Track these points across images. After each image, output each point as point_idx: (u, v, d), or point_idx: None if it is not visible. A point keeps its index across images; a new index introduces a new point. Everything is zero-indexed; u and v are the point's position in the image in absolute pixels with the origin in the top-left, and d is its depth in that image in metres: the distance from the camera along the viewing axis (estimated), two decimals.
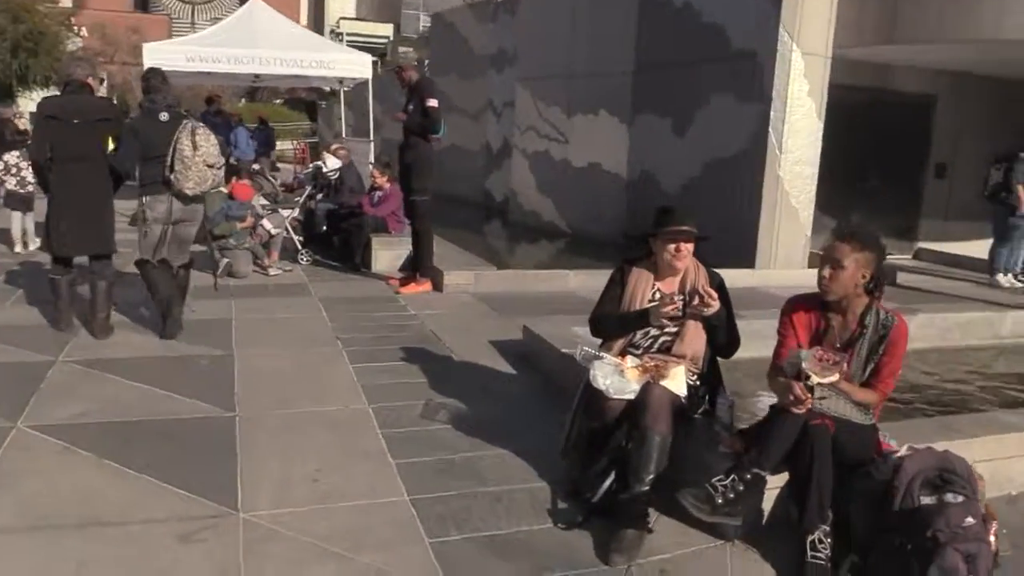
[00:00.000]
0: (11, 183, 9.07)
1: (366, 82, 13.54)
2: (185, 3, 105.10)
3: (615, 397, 3.42)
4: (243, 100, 47.10)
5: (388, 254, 8.58)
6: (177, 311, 5.56)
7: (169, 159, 5.23)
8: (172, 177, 5.25)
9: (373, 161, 12.23)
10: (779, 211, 9.38)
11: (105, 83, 30.43)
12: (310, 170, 9.64)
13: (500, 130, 17.27)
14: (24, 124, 13.06)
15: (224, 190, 7.97)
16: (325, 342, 5.65)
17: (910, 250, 12.12)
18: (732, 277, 4.03)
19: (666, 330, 3.65)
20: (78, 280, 5.71)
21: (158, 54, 11.95)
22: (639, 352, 3.69)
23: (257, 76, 14.05)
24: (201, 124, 5.55)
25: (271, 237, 8.14)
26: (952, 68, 12.16)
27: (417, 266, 7.63)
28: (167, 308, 5.50)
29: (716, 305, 3.48)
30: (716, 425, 3.64)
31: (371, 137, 13.49)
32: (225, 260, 7.73)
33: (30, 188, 8.83)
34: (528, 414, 4.48)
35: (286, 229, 8.52)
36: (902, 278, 9.17)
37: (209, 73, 13.10)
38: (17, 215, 9.03)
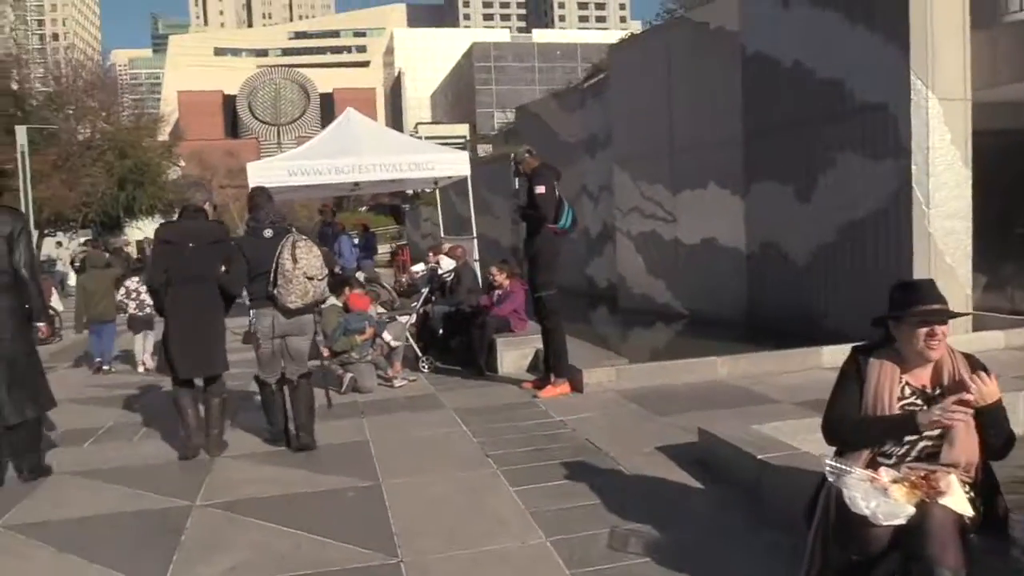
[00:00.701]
0: (131, 307, 9.60)
1: (456, 181, 13.42)
2: (270, 125, 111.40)
3: (885, 524, 2.73)
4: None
5: (513, 354, 8.08)
6: (308, 424, 5.56)
7: (272, 274, 5.29)
8: (275, 292, 5.30)
9: (477, 258, 11.96)
10: (933, 271, 8.51)
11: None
12: (423, 273, 9.33)
13: (598, 214, 16.89)
14: (132, 251, 13.54)
15: (338, 303, 7.67)
16: (476, 462, 5.10)
17: None
18: None
19: (926, 433, 2.96)
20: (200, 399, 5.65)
21: (261, 172, 12.09)
22: (892, 462, 3.00)
23: (356, 184, 14.10)
24: (303, 237, 5.57)
25: (392, 349, 7.75)
26: None
27: (549, 366, 7.08)
28: (297, 427, 5.56)
29: (996, 392, 2.81)
30: (1014, 550, 2.89)
31: (473, 234, 13.23)
32: (349, 375, 7.35)
33: (148, 310, 9.23)
34: (734, 537, 3.79)
35: (406, 337, 8.13)
36: None
37: (309, 186, 13.20)
38: (139, 336, 9.65)
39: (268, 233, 5.46)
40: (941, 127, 8.42)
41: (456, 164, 12.76)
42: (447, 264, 8.85)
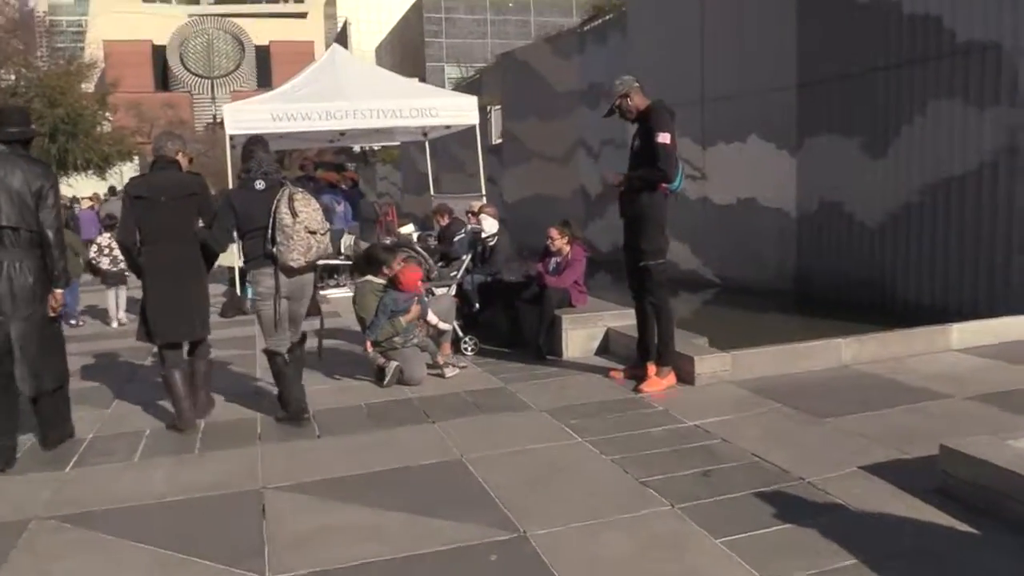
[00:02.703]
0: (104, 263, 9.57)
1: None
2: (203, 78, 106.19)
3: None
4: None
5: (581, 335, 6.76)
6: (300, 394, 5.17)
7: (270, 231, 4.84)
8: (275, 250, 4.85)
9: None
10: None
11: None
12: (463, 235, 7.87)
13: (600, 171, 15.51)
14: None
15: (375, 280, 6.19)
16: (634, 494, 3.77)
17: None
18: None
19: None
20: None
21: (239, 116, 10.42)
22: None
23: (342, 133, 12.43)
24: (300, 189, 5.07)
25: (441, 332, 6.35)
26: None
27: (646, 353, 5.78)
28: (295, 412, 5.10)
29: None
30: None
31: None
32: (394, 364, 5.92)
33: (122, 266, 9.00)
34: None
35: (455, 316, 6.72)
36: None
37: (292, 134, 11.53)
38: (111, 292, 9.73)
39: (260, 185, 4.97)
40: None
41: (464, 111, 11.21)
42: (490, 226, 7.42)
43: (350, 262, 12.10)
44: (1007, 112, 7.47)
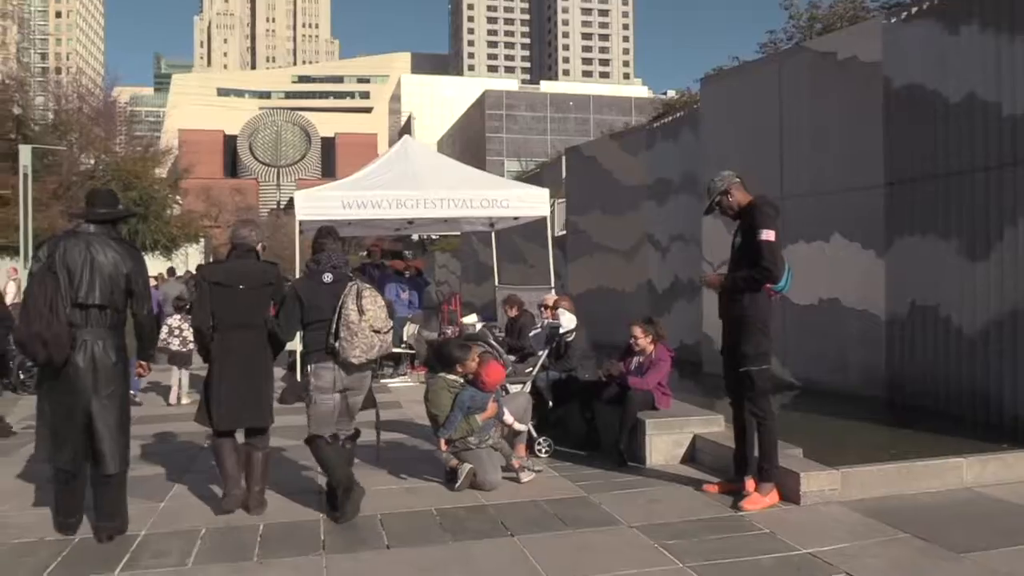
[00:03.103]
0: (175, 344, 9.80)
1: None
2: (270, 167, 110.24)
3: None
4: None
5: (666, 440, 6.28)
6: (357, 493, 4.91)
7: (334, 325, 4.80)
8: (337, 345, 4.80)
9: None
10: None
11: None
12: (539, 330, 7.51)
13: (667, 267, 15.18)
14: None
15: (450, 376, 5.80)
16: None
17: None
18: None
19: None
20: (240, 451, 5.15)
21: (310, 203, 10.37)
22: None
23: (411, 221, 12.34)
24: (368, 286, 5.04)
25: (516, 433, 5.93)
26: None
27: (745, 466, 5.27)
28: (345, 491, 4.87)
29: None
30: None
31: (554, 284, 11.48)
32: (467, 467, 5.49)
33: (191, 347, 9.25)
34: None
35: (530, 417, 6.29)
36: None
37: (362, 221, 11.47)
38: (176, 372, 9.87)
39: (328, 278, 4.97)
40: None
41: (535, 202, 11.04)
42: (568, 320, 7.06)
43: (412, 351, 11.84)
44: None
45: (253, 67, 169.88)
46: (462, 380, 5.73)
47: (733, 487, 5.31)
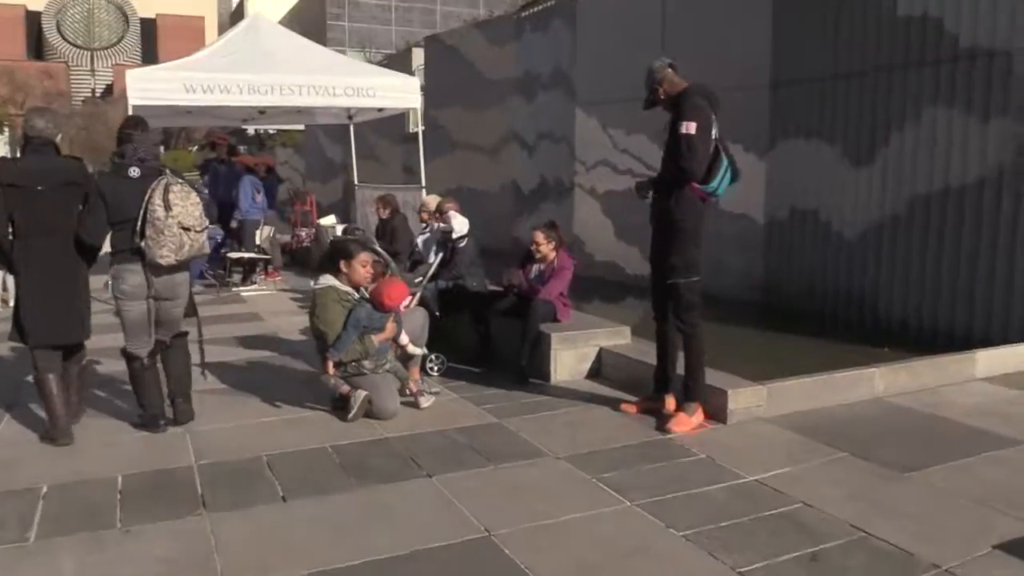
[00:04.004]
0: None
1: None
2: (82, 49, 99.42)
3: None
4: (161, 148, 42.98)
5: (571, 355, 5.83)
6: (186, 389, 4.87)
7: (139, 223, 4.44)
8: (143, 244, 4.45)
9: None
10: None
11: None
12: (428, 234, 6.76)
13: (534, 167, 14.63)
14: None
15: (337, 283, 5.02)
16: None
17: None
18: None
19: None
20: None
21: (145, 84, 8.95)
22: None
23: (262, 111, 11.05)
24: (179, 180, 4.68)
25: (410, 356, 5.28)
26: None
27: (666, 383, 4.91)
28: (151, 417, 4.70)
29: None
30: None
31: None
32: (362, 393, 4.81)
33: None
34: None
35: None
36: None
37: (205, 108, 10.12)
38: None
39: (135, 172, 4.52)
40: None
41: (405, 92, 10.08)
42: (460, 224, 6.36)
43: (267, 256, 10.82)
44: (1013, 125, 6.99)
45: None
46: (356, 294, 4.97)
47: (652, 405, 4.95)
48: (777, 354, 7.09)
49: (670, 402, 4.87)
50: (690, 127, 4.61)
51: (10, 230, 4.46)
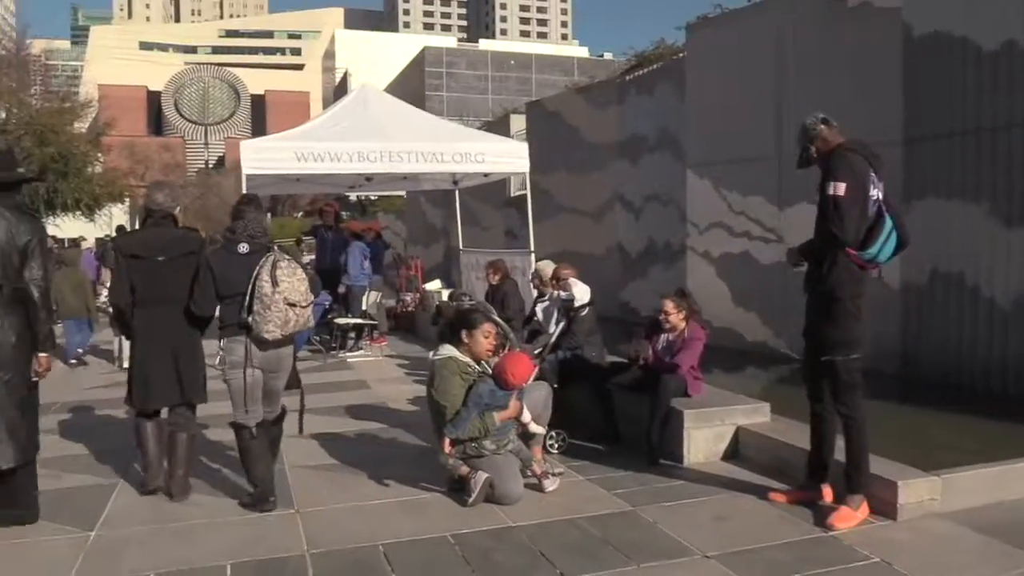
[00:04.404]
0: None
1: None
2: (197, 124, 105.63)
3: None
4: (269, 215, 44.61)
5: (707, 434, 5.33)
6: (268, 473, 4.65)
7: (247, 298, 4.47)
8: (250, 320, 4.47)
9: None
10: None
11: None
12: (547, 302, 6.45)
13: (641, 229, 14.27)
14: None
15: (459, 355, 4.70)
16: None
17: None
18: None
19: None
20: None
21: (259, 154, 9.08)
22: None
23: (368, 178, 11.09)
24: (286, 256, 4.66)
25: (532, 434, 4.90)
26: None
27: (822, 471, 4.36)
28: (260, 496, 4.55)
29: None
30: None
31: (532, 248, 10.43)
32: (482, 476, 4.44)
33: None
34: None
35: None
36: None
37: (315, 176, 10.20)
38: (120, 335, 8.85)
39: (243, 248, 4.60)
40: None
41: (514, 157, 9.93)
42: (581, 292, 6.02)
43: (374, 322, 10.71)
44: None
45: (177, 20, 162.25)
46: (477, 367, 4.65)
47: (805, 495, 4.40)
48: (931, 436, 6.40)
49: (828, 493, 4.32)
50: (838, 188, 4.16)
51: (131, 299, 4.67)
